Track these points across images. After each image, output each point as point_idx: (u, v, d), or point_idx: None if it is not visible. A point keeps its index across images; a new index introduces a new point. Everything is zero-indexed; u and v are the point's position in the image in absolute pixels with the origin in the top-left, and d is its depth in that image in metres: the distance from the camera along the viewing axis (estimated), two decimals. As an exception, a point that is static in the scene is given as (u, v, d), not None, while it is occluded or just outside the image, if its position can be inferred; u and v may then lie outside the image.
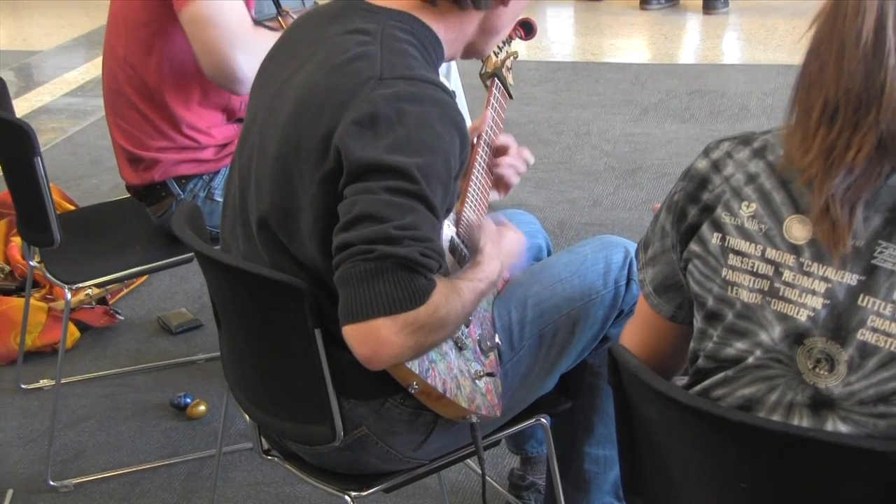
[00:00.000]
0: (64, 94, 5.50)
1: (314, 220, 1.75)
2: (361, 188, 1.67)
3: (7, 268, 3.57)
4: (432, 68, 1.84)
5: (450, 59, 1.96)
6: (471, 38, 1.93)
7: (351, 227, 1.66)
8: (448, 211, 1.80)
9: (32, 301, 3.19)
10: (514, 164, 2.18)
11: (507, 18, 1.93)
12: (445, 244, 1.82)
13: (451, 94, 1.81)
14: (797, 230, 1.42)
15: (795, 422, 1.43)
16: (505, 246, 1.93)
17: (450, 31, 1.89)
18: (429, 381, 1.77)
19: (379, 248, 1.63)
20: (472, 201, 2.03)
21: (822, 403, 1.41)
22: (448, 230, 1.85)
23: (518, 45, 2.31)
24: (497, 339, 1.98)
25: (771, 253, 1.44)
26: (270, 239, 1.83)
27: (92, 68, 5.77)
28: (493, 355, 1.95)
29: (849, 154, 1.35)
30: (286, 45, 1.96)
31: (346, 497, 1.93)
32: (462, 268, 1.86)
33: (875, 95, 1.33)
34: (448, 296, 1.71)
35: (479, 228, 1.91)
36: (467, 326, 1.90)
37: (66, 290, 2.71)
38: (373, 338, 1.65)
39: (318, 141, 1.72)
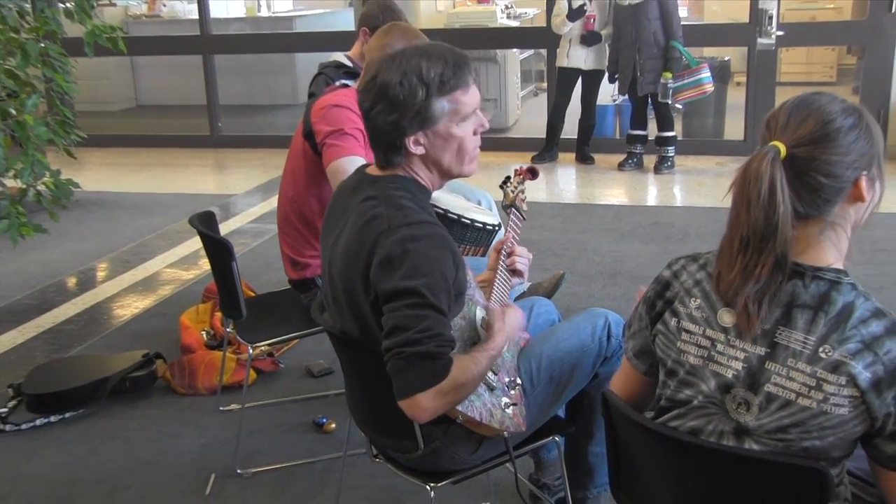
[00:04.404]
0: (248, 222, 5.58)
1: (378, 330, 1.73)
2: (390, 308, 1.67)
3: (212, 331, 3.61)
4: (424, 208, 1.81)
5: (435, 189, 1.89)
6: (433, 173, 1.85)
7: (388, 337, 1.66)
8: (458, 296, 1.76)
9: (227, 354, 3.22)
10: (521, 259, 2.12)
11: (444, 153, 1.81)
12: (478, 321, 1.81)
13: (440, 224, 1.78)
14: (726, 317, 1.41)
15: (724, 443, 1.40)
16: (509, 320, 1.88)
17: (420, 177, 1.84)
18: (469, 413, 1.75)
19: (406, 349, 1.63)
20: (497, 291, 2.02)
21: (742, 432, 1.39)
22: (480, 312, 1.84)
23: (537, 186, 2.30)
24: (518, 380, 1.96)
25: (709, 332, 1.43)
26: (351, 343, 1.85)
27: (266, 205, 5.86)
28: (517, 390, 1.93)
29: (756, 270, 1.34)
30: (332, 212, 1.94)
31: (427, 486, 1.91)
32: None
33: (771, 232, 1.32)
34: (465, 367, 1.70)
35: (490, 312, 1.89)
36: (496, 374, 1.88)
37: (249, 347, 2.73)
38: (416, 406, 1.66)
39: (361, 280, 1.73)
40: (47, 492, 2.66)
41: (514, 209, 2.23)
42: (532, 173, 2.18)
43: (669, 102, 6.17)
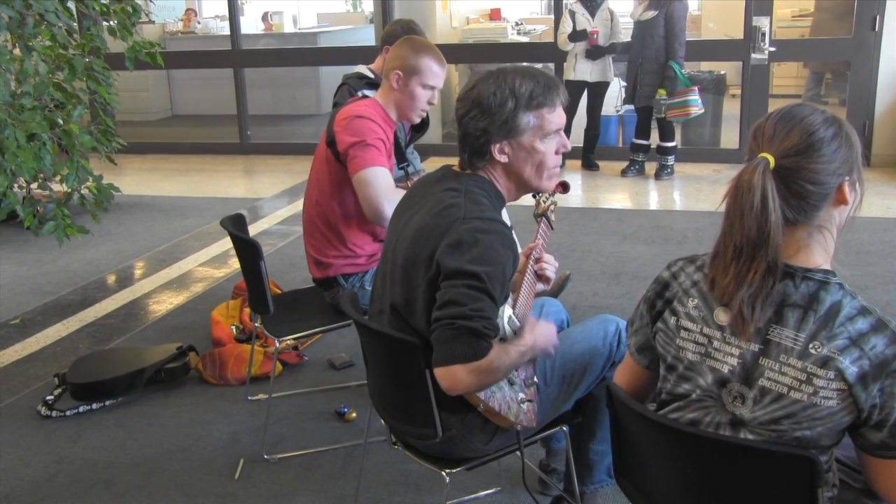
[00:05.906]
0: (275, 224, 5.58)
1: (423, 305, 1.75)
2: (450, 284, 1.67)
3: (241, 326, 3.61)
4: (497, 210, 1.84)
5: (510, 201, 1.92)
6: (513, 184, 1.88)
7: (443, 308, 1.67)
8: (505, 298, 1.79)
9: (255, 347, 3.22)
10: (549, 267, 2.14)
11: (525, 165, 1.84)
12: (506, 318, 1.80)
13: (509, 228, 1.81)
14: (722, 316, 1.41)
15: (721, 433, 1.40)
16: (539, 330, 1.87)
17: (500, 184, 1.87)
18: (490, 403, 1.75)
19: (458, 321, 1.64)
20: (524, 292, 2.02)
21: (737, 423, 1.39)
22: (508, 310, 1.84)
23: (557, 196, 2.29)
24: (535, 379, 1.96)
25: (706, 330, 1.42)
26: (397, 315, 1.83)
27: (292, 209, 5.87)
28: (532, 389, 1.93)
29: (749, 276, 1.34)
30: (410, 197, 1.98)
31: (443, 472, 1.91)
32: (515, 334, 1.84)
33: (763, 240, 1.32)
34: (500, 354, 1.70)
35: (526, 318, 1.89)
36: (516, 370, 1.87)
37: (276, 341, 2.72)
38: (451, 377, 1.65)
39: (426, 257, 1.73)
40: (91, 473, 2.68)
41: (544, 219, 2.23)
42: (564, 187, 2.17)
43: (664, 117, 6.16)
